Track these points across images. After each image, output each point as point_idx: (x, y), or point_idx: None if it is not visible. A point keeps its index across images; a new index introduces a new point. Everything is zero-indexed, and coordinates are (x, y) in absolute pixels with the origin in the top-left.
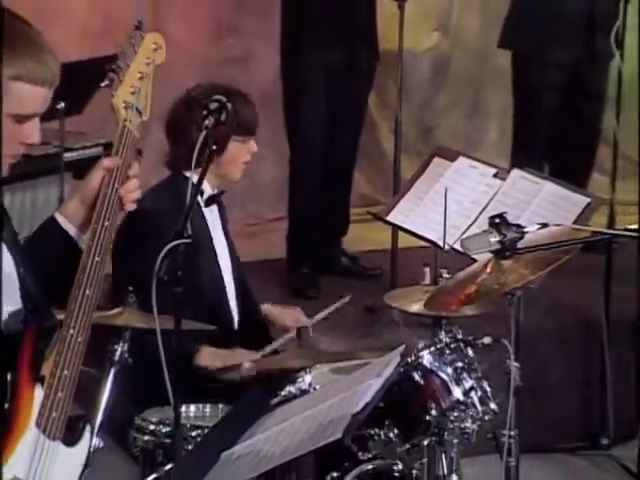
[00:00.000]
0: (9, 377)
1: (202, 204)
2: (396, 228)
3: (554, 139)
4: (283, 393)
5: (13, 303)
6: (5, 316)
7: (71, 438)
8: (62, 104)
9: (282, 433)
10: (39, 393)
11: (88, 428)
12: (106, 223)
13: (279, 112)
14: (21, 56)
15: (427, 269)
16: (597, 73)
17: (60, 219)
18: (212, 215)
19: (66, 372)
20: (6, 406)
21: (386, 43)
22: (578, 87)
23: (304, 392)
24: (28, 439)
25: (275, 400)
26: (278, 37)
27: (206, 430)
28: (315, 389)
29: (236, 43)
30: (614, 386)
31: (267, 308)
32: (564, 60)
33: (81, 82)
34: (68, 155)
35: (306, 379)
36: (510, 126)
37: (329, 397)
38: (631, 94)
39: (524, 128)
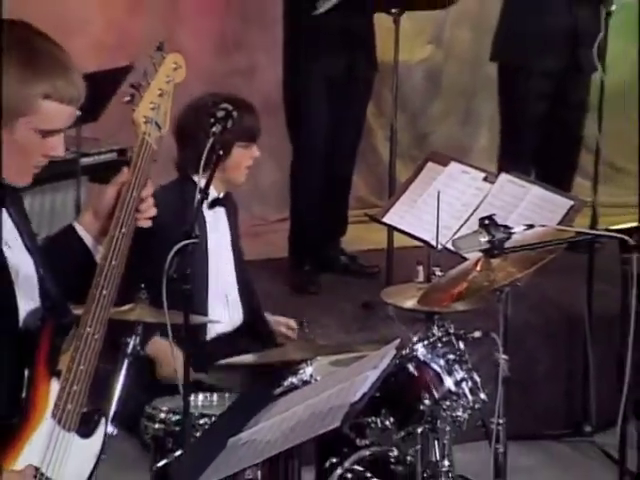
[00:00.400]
0: (27, 371)
1: (205, 207)
2: (392, 229)
3: (540, 145)
4: (286, 384)
5: (32, 302)
6: (24, 314)
7: (86, 430)
8: (79, 112)
9: (285, 421)
10: (55, 386)
11: (103, 421)
12: (123, 229)
13: (281, 120)
14: (50, 75)
15: (420, 267)
16: (580, 84)
17: (78, 228)
18: (215, 218)
19: (82, 367)
20: (23, 396)
21: (382, 55)
22: (562, 97)
23: (305, 383)
24: (44, 429)
25: (278, 390)
26: (281, 50)
27: (213, 418)
28: (315, 380)
29: (241, 55)
30: (596, 377)
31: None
32: (549, 71)
33: (97, 91)
34: (84, 160)
35: (307, 371)
36: (498, 134)
37: (328, 388)
38: (612, 103)
39: (511, 135)
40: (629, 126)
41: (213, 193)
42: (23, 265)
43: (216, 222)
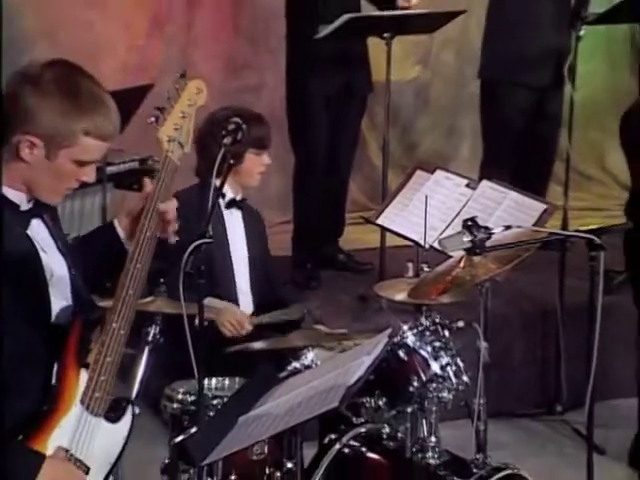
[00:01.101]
0: (57, 362)
1: (223, 206)
2: (384, 230)
3: (517, 155)
4: (290, 368)
5: (65, 300)
6: (57, 310)
7: (114, 416)
8: None
9: (289, 402)
10: (84, 376)
11: (130, 409)
12: (147, 234)
13: (285, 133)
14: (92, 114)
15: (410, 264)
16: (555, 100)
17: (116, 224)
18: (232, 217)
19: (109, 359)
20: (53, 384)
21: (375, 75)
22: (539, 111)
23: (307, 367)
24: (73, 415)
25: (283, 374)
26: (284, 70)
27: (225, 399)
28: (316, 365)
29: (249, 75)
30: (566, 363)
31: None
32: (527, 87)
33: (121, 107)
34: (110, 168)
35: (309, 356)
36: (480, 144)
37: (328, 371)
38: (581, 118)
39: (492, 146)
40: (596, 138)
41: (230, 194)
42: (57, 267)
43: (233, 222)
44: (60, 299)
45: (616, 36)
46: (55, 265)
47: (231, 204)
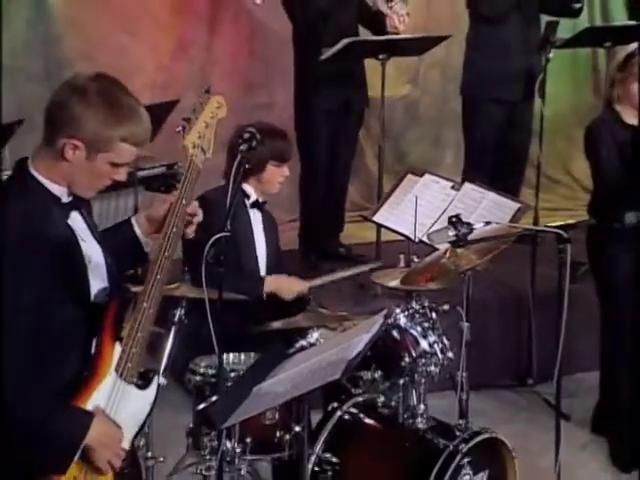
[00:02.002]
0: (96, 336)
1: (248, 206)
2: (379, 226)
3: (494, 161)
4: (297, 345)
5: (102, 282)
6: (96, 291)
7: (143, 384)
8: None
9: (297, 374)
10: (118, 348)
11: (156, 378)
12: (174, 230)
13: (293, 144)
14: (129, 124)
15: (402, 256)
16: (527, 114)
17: (134, 221)
18: (255, 217)
19: (140, 334)
20: (92, 354)
21: (371, 91)
22: (512, 123)
23: (312, 345)
24: (108, 381)
25: (292, 350)
26: (293, 88)
27: (241, 372)
28: (320, 343)
29: (263, 94)
30: (537, 341)
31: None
32: (502, 102)
33: (151, 119)
34: (140, 173)
35: (314, 335)
36: (462, 152)
37: (331, 348)
38: (550, 130)
39: (472, 153)
40: (562, 147)
41: (254, 196)
42: (94, 254)
43: (256, 221)
44: (98, 282)
45: (580, 60)
46: (92, 252)
47: (254, 205)
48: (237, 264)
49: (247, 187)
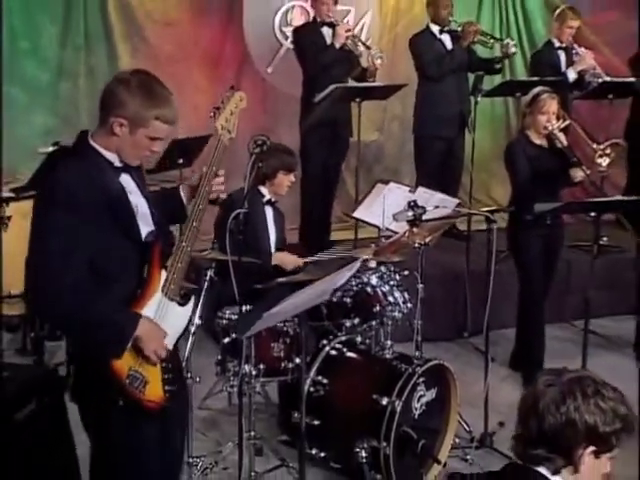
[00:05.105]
0: (146, 265)
1: (263, 203)
2: (357, 220)
3: (436, 184)
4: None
5: (149, 227)
6: (145, 233)
7: (182, 302)
8: (181, 160)
9: (298, 299)
10: (163, 274)
11: (193, 299)
12: (206, 189)
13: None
14: (161, 105)
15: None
16: (460, 147)
17: (181, 189)
18: (268, 211)
19: (180, 265)
20: (144, 277)
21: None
22: (450, 153)
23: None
24: (156, 298)
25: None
26: (298, 136)
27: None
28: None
29: (272, 136)
30: (471, 305)
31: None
32: (442, 138)
33: (190, 148)
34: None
35: None
36: (414, 181)
37: (322, 282)
38: (479, 155)
39: (421, 178)
40: (484, 177)
41: (267, 196)
42: (141, 205)
43: (269, 213)
44: (146, 227)
45: (496, 115)
46: (140, 204)
47: (268, 202)
48: (255, 244)
49: (263, 189)
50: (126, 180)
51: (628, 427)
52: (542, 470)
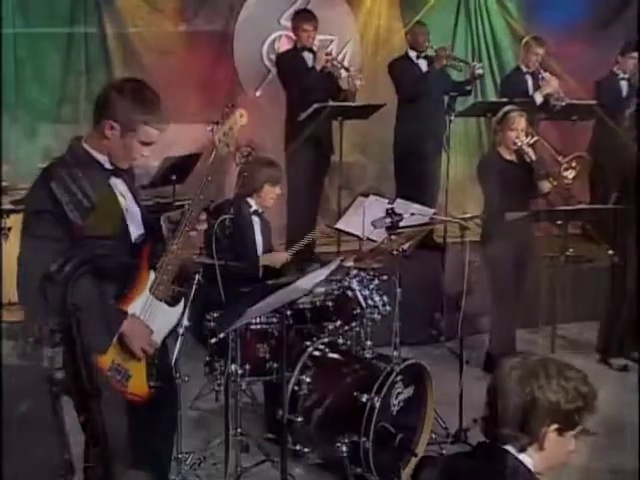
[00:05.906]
0: (136, 264)
1: (251, 213)
2: (340, 231)
3: (417, 189)
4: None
5: (139, 229)
6: (135, 235)
7: (171, 302)
8: (174, 177)
9: (280, 294)
10: (152, 275)
11: (183, 300)
12: (201, 197)
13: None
14: (149, 112)
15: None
16: (437, 161)
17: None
18: (255, 220)
19: (169, 267)
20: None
21: (335, 157)
22: (426, 171)
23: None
24: (143, 297)
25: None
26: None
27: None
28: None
29: (260, 152)
30: (447, 311)
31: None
32: (420, 154)
33: (181, 166)
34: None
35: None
36: (394, 193)
37: (302, 279)
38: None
39: (403, 188)
40: (459, 194)
41: (254, 207)
42: (132, 208)
43: (256, 223)
44: (136, 229)
45: (469, 137)
46: (130, 206)
47: (254, 212)
48: (243, 251)
49: (250, 200)
50: (116, 183)
51: (590, 405)
52: (509, 448)
